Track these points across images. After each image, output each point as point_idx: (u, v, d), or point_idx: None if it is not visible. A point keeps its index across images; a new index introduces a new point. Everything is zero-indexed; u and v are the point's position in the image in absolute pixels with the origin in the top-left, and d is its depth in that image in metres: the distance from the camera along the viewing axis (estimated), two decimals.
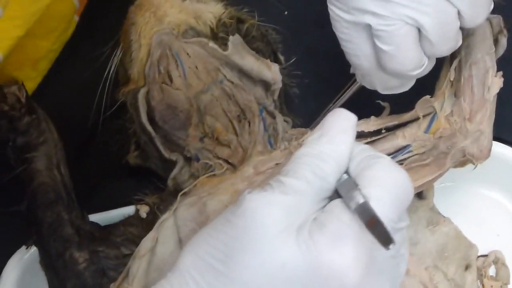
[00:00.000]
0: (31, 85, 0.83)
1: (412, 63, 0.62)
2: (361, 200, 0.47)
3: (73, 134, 0.83)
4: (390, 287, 0.49)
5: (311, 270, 0.45)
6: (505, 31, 0.72)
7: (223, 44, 0.76)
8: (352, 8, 0.61)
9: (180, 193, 0.69)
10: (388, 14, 0.59)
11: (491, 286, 0.79)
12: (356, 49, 0.64)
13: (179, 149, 0.75)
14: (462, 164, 0.71)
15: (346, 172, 0.50)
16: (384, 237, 0.46)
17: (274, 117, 0.75)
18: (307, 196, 0.48)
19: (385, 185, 0.48)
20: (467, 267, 0.77)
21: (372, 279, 0.47)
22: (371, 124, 0.70)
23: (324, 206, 0.49)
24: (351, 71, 0.70)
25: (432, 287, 0.69)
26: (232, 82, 0.76)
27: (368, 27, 0.61)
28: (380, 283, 0.48)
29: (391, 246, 0.45)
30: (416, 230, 0.76)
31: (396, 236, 0.47)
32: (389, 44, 0.60)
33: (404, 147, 0.69)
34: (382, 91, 0.69)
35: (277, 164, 0.68)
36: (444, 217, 0.78)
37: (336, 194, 0.49)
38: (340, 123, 0.51)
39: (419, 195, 0.77)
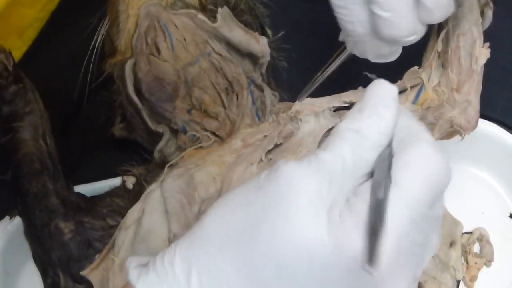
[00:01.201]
0: (16, 55, 0.83)
1: (408, 30, 0.62)
2: (381, 196, 0.46)
3: (59, 105, 0.83)
4: (413, 276, 0.48)
5: (335, 253, 0.45)
6: (491, 4, 0.74)
7: (212, 16, 0.77)
8: None
9: (167, 165, 0.70)
10: None
11: (475, 263, 0.81)
12: (351, 15, 0.64)
13: (165, 121, 0.76)
14: (449, 135, 0.72)
15: (390, 145, 0.49)
16: (371, 253, 0.44)
17: (262, 90, 0.77)
18: (343, 173, 0.47)
19: (419, 171, 0.47)
20: (451, 244, 0.77)
21: (397, 268, 0.46)
22: (360, 94, 0.71)
23: (364, 182, 0.48)
24: (341, 38, 0.71)
25: None
26: (220, 55, 0.77)
27: None
28: (404, 272, 0.47)
29: (371, 270, 0.43)
30: None
31: (426, 224, 0.47)
32: (387, 11, 0.60)
33: None
34: (373, 59, 0.69)
35: (265, 136, 0.70)
36: None
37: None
38: (381, 96, 0.50)
39: None
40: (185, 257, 0.48)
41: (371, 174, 0.48)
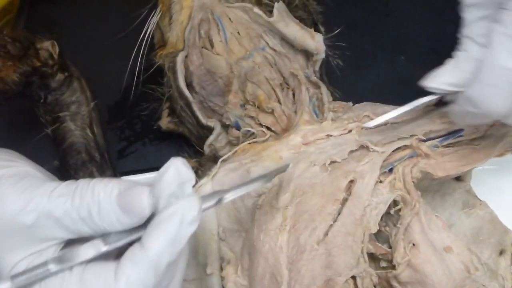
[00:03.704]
0: None
1: None
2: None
3: (107, 94, 0.86)
4: None
5: None
6: None
7: (267, 11, 0.78)
8: None
9: (221, 159, 0.71)
10: None
11: None
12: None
13: (215, 116, 0.78)
14: (502, 154, 0.75)
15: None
16: None
17: (318, 87, 0.78)
18: None
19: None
20: (501, 252, 0.79)
21: None
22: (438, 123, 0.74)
23: None
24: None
25: (473, 269, 0.71)
26: (274, 50, 0.78)
27: None
28: None
29: None
30: (452, 212, 0.78)
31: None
32: None
33: (457, 131, 0.73)
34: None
35: (328, 135, 0.71)
36: (481, 200, 0.80)
37: None
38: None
39: (457, 177, 0.79)
40: None
41: None
